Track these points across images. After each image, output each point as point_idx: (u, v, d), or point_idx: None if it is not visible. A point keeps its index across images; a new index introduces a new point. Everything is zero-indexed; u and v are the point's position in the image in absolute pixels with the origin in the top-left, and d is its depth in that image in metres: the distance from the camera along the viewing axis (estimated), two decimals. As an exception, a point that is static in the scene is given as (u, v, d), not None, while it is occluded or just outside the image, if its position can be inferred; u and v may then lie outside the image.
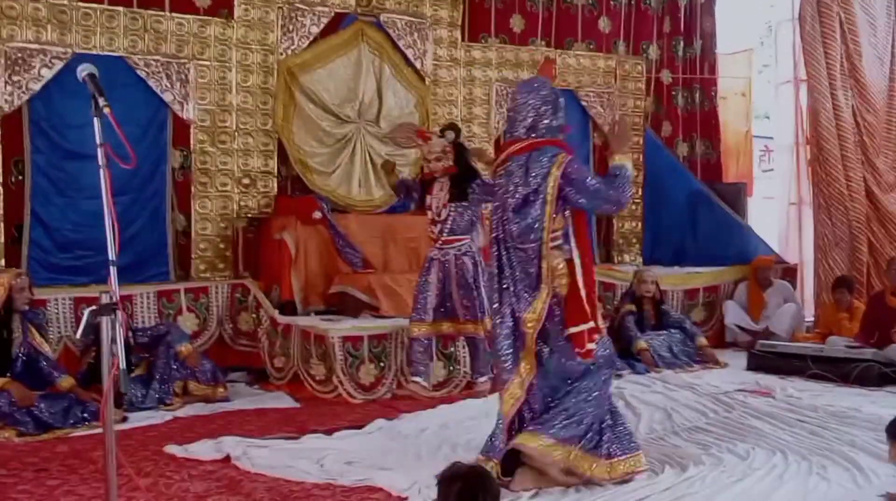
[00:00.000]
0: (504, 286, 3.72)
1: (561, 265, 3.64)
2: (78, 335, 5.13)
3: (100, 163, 2.14)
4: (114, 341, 2.03)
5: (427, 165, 5.78)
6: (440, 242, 5.75)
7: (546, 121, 3.68)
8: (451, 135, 5.75)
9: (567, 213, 3.69)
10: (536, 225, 3.58)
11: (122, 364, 2.00)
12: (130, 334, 5.69)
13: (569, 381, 3.70)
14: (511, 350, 3.71)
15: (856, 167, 8.21)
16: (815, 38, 7.56)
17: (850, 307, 7.37)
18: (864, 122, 7.96)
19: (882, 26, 7.94)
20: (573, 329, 3.63)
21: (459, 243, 5.73)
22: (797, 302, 8.09)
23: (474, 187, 4.45)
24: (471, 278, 5.69)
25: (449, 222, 5.70)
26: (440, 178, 5.70)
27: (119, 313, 2.04)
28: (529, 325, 3.64)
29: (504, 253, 3.71)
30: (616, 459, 3.71)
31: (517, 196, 3.61)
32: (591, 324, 3.64)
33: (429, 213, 5.81)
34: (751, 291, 8.07)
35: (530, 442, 3.58)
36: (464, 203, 5.55)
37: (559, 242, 3.65)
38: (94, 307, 2.03)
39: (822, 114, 7.90)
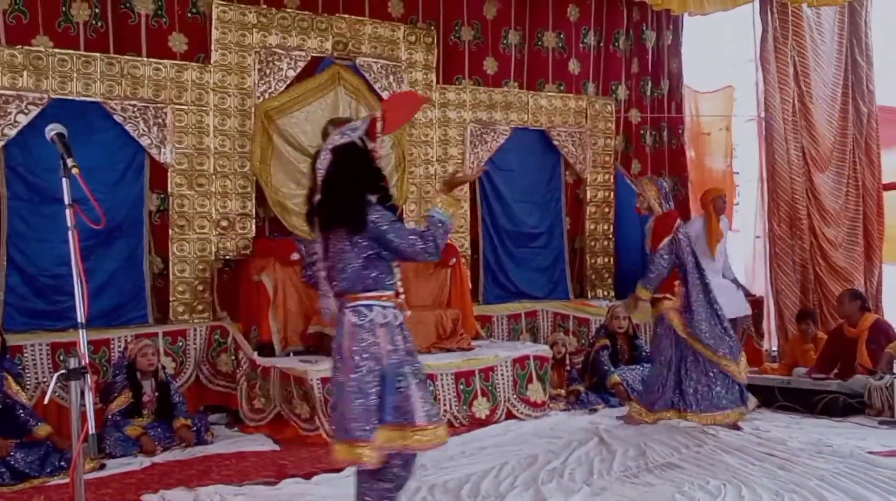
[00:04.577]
0: None
1: None
2: (46, 401, 5.11)
3: (68, 224, 2.16)
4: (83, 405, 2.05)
5: None
6: None
7: None
8: None
9: None
10: None
11: (92, 430, 2.03)
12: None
13: None
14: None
15: (802, 204, 8.49)
16: (773, 79, 7.82)
17: (815, 338, 7.50)
18: (811, 160, 8.25)
19: (831, 68, 8.26)
20: None
21: None
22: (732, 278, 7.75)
23: None
24: None
25: None
26: None
27: (88, 376, 2.07)
28: None
29: None
30: None
31: None
32: None
33: None
34: (710, 223, 7.70)
35: None
36: None
37: None
38: (62, 372, 2.06)
39: (778, 152, 8.19)
